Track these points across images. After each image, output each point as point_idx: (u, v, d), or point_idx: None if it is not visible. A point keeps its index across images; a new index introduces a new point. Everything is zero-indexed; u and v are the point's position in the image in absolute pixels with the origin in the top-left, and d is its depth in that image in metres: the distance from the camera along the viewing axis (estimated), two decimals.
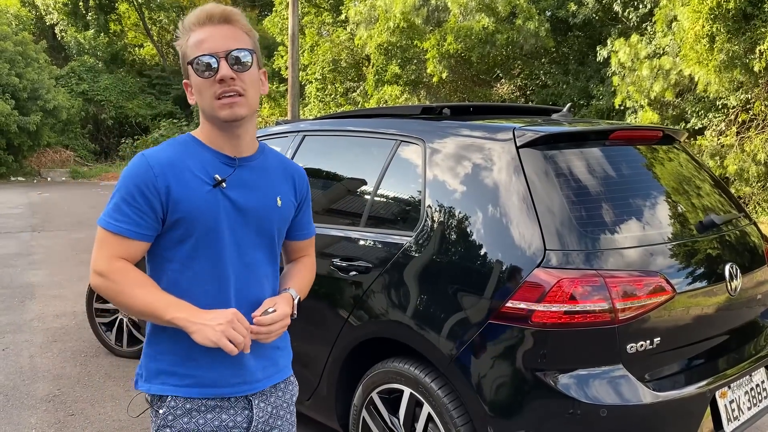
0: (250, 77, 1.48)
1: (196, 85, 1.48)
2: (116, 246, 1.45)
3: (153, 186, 1.43)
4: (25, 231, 10.32)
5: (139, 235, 1.45)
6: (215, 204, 1.48)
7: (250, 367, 1.55)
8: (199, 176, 1.48)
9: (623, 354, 2.15)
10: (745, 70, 8.99)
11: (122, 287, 1.43)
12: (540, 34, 12.89)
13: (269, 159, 1.64)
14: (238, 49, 1.45)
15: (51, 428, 3.48)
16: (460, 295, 2.34)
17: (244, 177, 1.54)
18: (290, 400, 1.70)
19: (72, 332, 5.11)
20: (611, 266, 2.18)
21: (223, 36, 1.45)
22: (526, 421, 2.18)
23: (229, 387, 1.53)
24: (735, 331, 2.57)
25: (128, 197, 1.44)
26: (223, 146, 1.53)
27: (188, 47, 1.48)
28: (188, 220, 1.46)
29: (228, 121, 1.46)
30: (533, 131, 2.41)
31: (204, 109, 1.49)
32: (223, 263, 1.50)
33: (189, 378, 1.50)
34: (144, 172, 1.44)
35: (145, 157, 1.47)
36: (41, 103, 20.50)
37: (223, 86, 1.44)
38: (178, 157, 1.48)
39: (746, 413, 2.45)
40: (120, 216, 1.44)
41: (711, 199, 2.77)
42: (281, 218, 1.61)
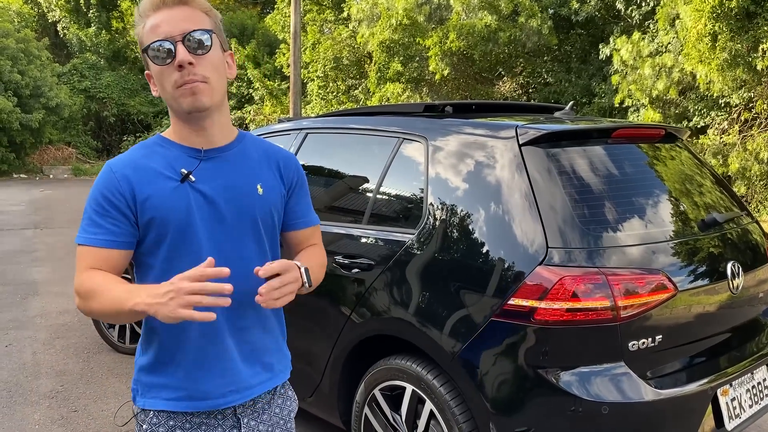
0: (213, 61, 1.38)
1: (156, 75, 1.39)
2: (93, 259, 1.38)
3: (118, 191, 1.37)
4: (28, 228, 10.34)
5: (115, 243, 1.38)
6: (184, 199, 1.39)
7: (240, 373, 1.46)
8: (164, 173, 1.40)
9: (625, 351, 2.15)
10: (748, 68, 8.98)
11: (91, 294, 1.33)
12: (542, 31, 12.88)
13: (248, 147, 1.53)
14: (195, 31, 1.35)
15: (54, 424, 3.49)
16: (463, 292, 2.34)
17: (216, 168, 1.45)
18: (287, 416, 1.59)
19: (75, 329, 5.12)
20: (613, 264, 2.19)
21: (180, 18, 1.35)
22: (528, 419, 2.19)
23: (221, 397, 1.44)
24: (737, 329, 2.57)
25: (98, 208, 1.38)
26: (192, 140, 1.44)
27: (144, 34, 1.38)
28: (159, 220, 1.38)
29: (191, 111, 1.38)
30: (536, 129, 2.42)
31: (167, 100, 1.39)
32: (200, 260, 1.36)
33: (181, 390, 1.42)
34: (107, 180, 1.39)
35: (108, 165, 1.42)
36: (43, 101, 20.51)
37: (182, 74, 1.34)
38: (142, 158, 1.42)
39: (748, 411, 2.46)
40: (94, 228, 1.38)
41: (713, 197, 2.78)
42: (265, 206, 1.49)
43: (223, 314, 1.41)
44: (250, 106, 22.99)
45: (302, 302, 2.08)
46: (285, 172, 1.56)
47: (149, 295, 1.22)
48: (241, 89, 23.49)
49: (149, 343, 1.46)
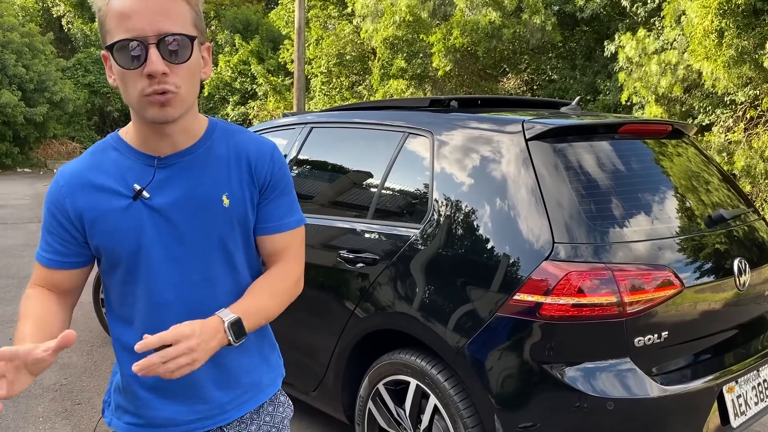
0: (189, 68, 1.16)
1: (117, 73, 1.15)
2: (39, 276, 1.29)
3: (62, 208, 1.24)
4: (32, 222, 10.35)
5: (61, 264, 1.27)
6: (136, 220, 1.22)
7: (213, 400, 1.31)
8: (114, 189, 1.23)
9: (631, 348, 2.14)
10: (755, 65, 8.94)
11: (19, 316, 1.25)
12: (546, 28, 12.84)
13: (216, 144, 1.30)
14: (173, 35, 1.11)
15: (57, 417, 3.50)
16: (468, 287, 2.33)
17: (175, 178, 1.24)
18: (280, 423, 1.43)
19: (78, 322, 5.12)
20: (620, 260, 2.18)
21: (154, 11, 1.10)
22: (532, 414, 2.18)
23: (188, 424, 1.31)
24: (743, 327, 2.56)
25: (46, 223, 1.27)
26: (151, 144, 1.25)
27: (108, 18, 1.13)
28: (109, 245, 1.23)
29: (156, 123, 1.19)
30: (542, 124, 2.40)
31: (129, 103, 1.19)
32: (161, 286, 1.24)
33: (141, 417, 1.31)
34: (54, 193, 1.24)
35: (60, 173, 1.26)
36: (48, 95, 20.54)
37: (152, 83, 1.12)
38: (92, 170, 1.24)
39: (753, 408, 2.45)
40: (44, 244, 1.28)
41: (720, 194, 2.76)
42: (231, 220, 1.28)
43: None
44: (254, 102, 22.97)
45: (306, 297, 2.07)
46: (257, 172, 1.31)
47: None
48: (245, 85, 23.48)
49: (117, 362, 1.36)
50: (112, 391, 1.39)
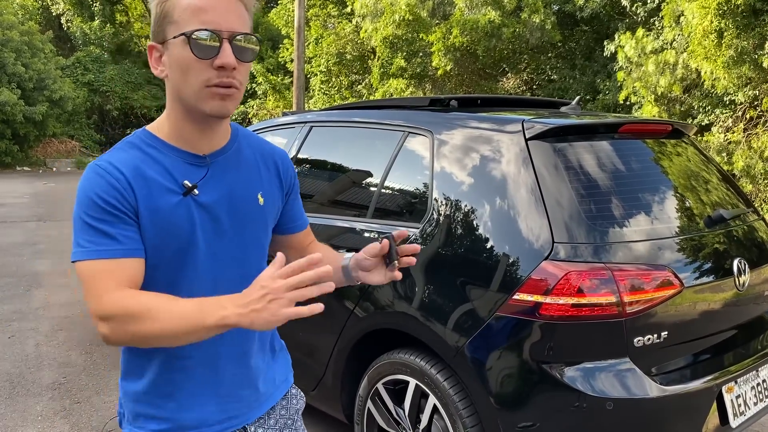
0: (248, 69, 1.22)
1: (180, 61, 1.17)
2: (111, 276, 1.15)
3: (120, 195, 1.17)
4: (31, 220, 10.34)
5: (132, 251, 1.18)
6: (189, 217, 1.22)
7: (238, 398, 1.34)
8: (165, 185, 1.21)
9: (630, 347, 2.14)
10: (754, 65, 8.94)
11: (140, 316, 1.11)
12: (546, 27, 12.84)
13: (243, 147, 1.35)
14: (246, 35, 1.18)
15: (56, 416, 3.49)
16: (467, 287, 2.33)
17: (217, 175, 1.27)
18: (295, 415, 1.49)
19: (77, 321, 5.12)
20: (619, 259, 2.18)
21: (229, 10, 1.16)
22: (532, 414, 2.18)
23: (217, 425, 1.32)
24: (742, 327, 2.56)
25: (100, 214, 1.16)
26: (193, 142, 1.25)
27: (178, 9, 1.17)
28: (159, 242, 1.20)
29: (213, 116, 1.20)
30: (543, 123, 2.40)
31: (182, 91, 1.19)
32: (203, 283, 1.26)
33: (169, 422, 1.29)
34: (105, 182, 1.17)
35: (99, 166, 1.20)
36: (47, 93, 20.52)
37: (220, 75, 1.16)
38: (139, 162, 1.21)
39: (752, 408, 2.45)
40: (100, 238, 1.16)
41: (719, 194, 2.76)
42: (265, 217, 1.35)
43: (226, 341, 1.28)
44: (253, 101, 22.97)
45: None
46: (284, 175, 1.42)
47: (238, 305, 1.06)
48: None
49: (138, 369, 1.30)
50: (126, 402, 1.34)
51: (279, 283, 1.04)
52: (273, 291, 1.04)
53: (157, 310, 1.10)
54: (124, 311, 1.12)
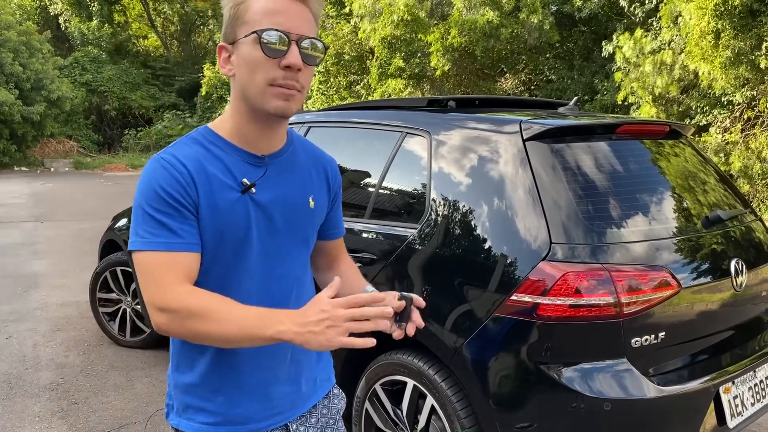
0: (311, 73, 1.27)
1: (248, 60, 1.21)
2: (170, 268, 1.18)
3: (183, 188, 1.21)
4: (29, 221, 10.33)
5: (190, 246, 1.21)
6: (246, 214, 1.27)
7: (283, 396, 1.38)
8: (225, 181, 1.25)
9: (628, 348, 2.15)
10: (751, 66, 8.95)
11: (202, 315, 1.15)
12: (544, 27, 12.86)
13: (298, 151, 1.40)
14: (313, 39, 1.23)
15: (54, 417, 3.49)
16: (465, 287, 2.34)
17: (274, 177, 1.32)
18: (336, 416, 1.52)
19: (75, 321, 5.12)
20: (617, 260, 2.18)
21: (298, 15, 1.22)
22: (529, 414, 2.18)
23: (262, 421, 1.36)
24: (740, 327, 2.57)
25: (162, 206, 1.20)
26: (252, 142, 1.30)
27: (251, 10, 1.22)
28: (217, 237, 1.24)
29: (276, 115, 1.24)
30: (540, 124, 2.41)
31: (247, 90, 1.23)
32: (253, 278, 1.30)
33: (218, 416, 1.33)
34: (169, 175, 1.21)
35: (163, 159, 1.23)
36: (45, 93, 20.50)
37: (286, 75, 1.20)
38: (201, 158, 1.25)
39: (750, 409, 2.45)
40: (160, 230, 1.19)
41: (717, 195, 2.76)
42: (314, 221, 1.40)
43: None
44: None
45: None
46: (332, 181, 1.48)
47: (296, 323, 1.10)
48: None
49: (190, 362, 1.34)
50: (176, 393, 1.38)
51: (340, 312, 1.09)
52: (332, 318, 1.09)
53: (218, 312, 1.15)
54: (187, 308, 1.16)
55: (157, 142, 24.94)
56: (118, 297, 4.58)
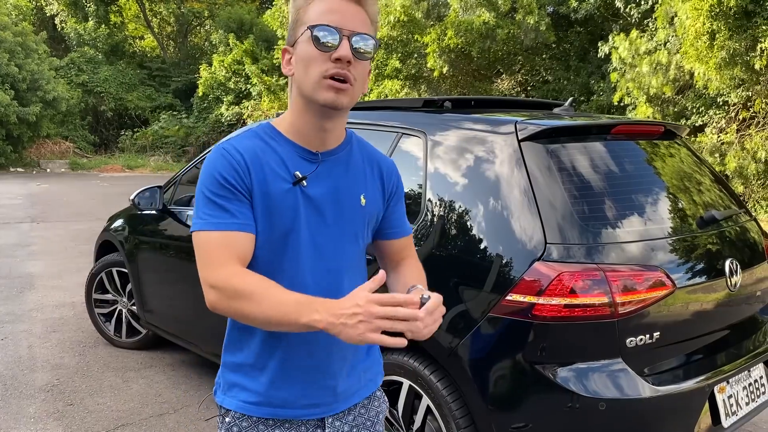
0: (364, 68, 1.34)
1: (304, 56, 1.31)
2: (225, 248, 1.26)
3: (238, 174, 1.30)
4: (25, 222, 10.31)
5: (246, 227, 1.29)
6: (295, 204, 1.33)
7: (323, 387, 1.40)
8: (279, 172, 1.33)
9: (623, 348, 2.15)
10: (746, 67, 8.98)
11: (245, 296, 1.21)
12: (540, 28, 12.87)
13: (354, 151, 1.46)
14: (364, 35, 1.31)
15: (50, 418, 3.48)
16: (461, 288, 2.34)
17: (326, 173, 1.38)
18: (375, 418, 1.51)
19: (71, 322, 5.11)
20: (612, 260, 2.18)
21: (353, 15, 1.31)
22: (525, 414, 2.19)
23: (302, 409, 1.39)
24: (734, 327, 2.58)
25: (220, 190, 1.29)
26: (307, 138, 1.37)
27: (309, 12, 1.32)
28: (266, 224, 1.31)
29: (326, 106, 1.30)
30: (535, 125, 2.41)
31: (302, 85, 1.32)
32: (302, 269, 1.34)
33: (260, 396, 1.38)
34: (228, 164, 1.30)
35: (224, 148, 1.33)
36: (41, 94, 20.46)
37: (336, 67, 1.28)
38: (258, 149, 1.34)
39: (744, 408, 2.46)
40: (220, 212, 1.28)
41: (711, 195, 2.77)
42: (365, 218, 1.44)
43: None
44: (248, 102, 22.94)
45: None
46: (387, 181, 1.51)
47: (330, 314, 1.13)
48: (239, 85, 23.43)
49: (239, 343, 1.40)
50: (224, 372, 1.44)
51: (373, 309, 1.10)
52: (365, 314, 1.11)
53: (260, 295, 1.20)
54: (232, 288, 1.23)
55: (153, 143, 24.90)
56: (114, 298, 4.58)
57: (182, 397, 3.77)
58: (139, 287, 4.21)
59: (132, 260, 4.24)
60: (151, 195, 4.02)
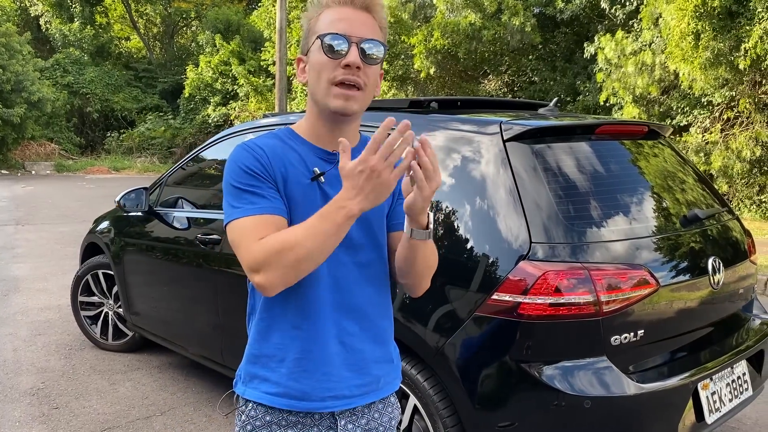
0: (374, 73, 1.39)
1: (315, 64, 1.37)
2: (257, 230, 1.29)
3: (264, 167, 1.35)
4: (9, 224, 10.22)
5: (276, 209, 1.32)
6: (314, 198, 1.38)
7: (342, 380, 1.42)
8: (299, 168, 1.39)
9: (607, 346, 2.17)
10: (730, 67, 9.07)
11: (281, 250, 1.23)
12: (526, 29, 12.93)
13: None
14: (372, 40, 1.35)
15: (35, 422, 3.46)
16: (447, 287, 2.35)
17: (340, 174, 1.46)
18: (387, 423, 1.52)
19: (56, 325, 5.07)
20: (596, 259, 2.20)
21: (361, 22, 1.36)
22: (511, 413, 2.20)
23: (320, 401, 1.41)
24: (717, 324, 2.60)
25: (250, 181, 1.33)
26: (323, 140, 1.43)
27: (319, 22, 1.38)
28: (292, 207, 1.36)
29: (337, 113, 1.36)
30: (520, 125, 2.42)
31: (315, 92, 1.38)
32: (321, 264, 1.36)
33: (281, 387, 1.41)
34: (251, 156, 1.36)
35: (247, 145, 1.38)
36: (25, 95, 20.29)
37: (346, 73, 1.33)
38: (278, 147, 1.40)
39: (727, 405, 2.48)
40: (254, 198, 1.32)
41: (695, 194, 2.80)
42: (379, 216, 1.48)
43: (333, 318, 1.40)
44: (235, 103, 22.86)
45: None
46: None
47: (351, 197, 1.18)
48: (226, 86, 23.36)
49: (259, 335, 1.45)
50: (245, 364, 1.47)
51: (373, 159, 1.16)
52: (372, 167, 1.16)
53: (294, 237, 1.23)
54: (271, 251, 1.24)
55: (139, 144, 24.76)
56: (100, 300, 4.55)
57: (169, 400, 3.75)
58: (125, 289, 4.19)
59: (118, 262, 4.22)
60: (136, 197, 4.01)
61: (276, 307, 1.42)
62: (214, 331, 3.42)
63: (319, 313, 1.38)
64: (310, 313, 1.38)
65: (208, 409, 3.62)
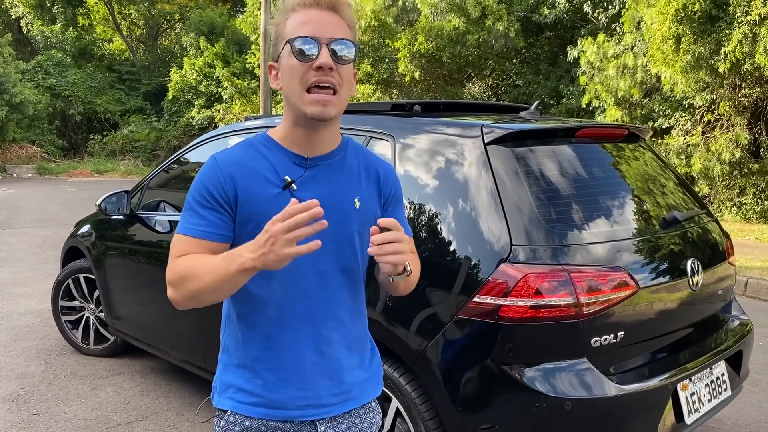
0: (347, 73, 1.37)
1: (287, 69, 1.36)
2: (188, 248, 1.35)
3: (222, 187, 1.35)
4: None
5: (213, 236, 1.35)
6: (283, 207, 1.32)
7: (320, 389, 1.42)
8: (268, 178, 1.37)
9: (588, 348, 2.18)
10: (711, 71, 9.17)
11: (185, 277, 1.29)
12: (510, 34, 13.00)
13: (349, 156, 1.48)
14: (342, 40, 1.34)
15: (14, 428, 3.42)
16: (429, 290, 2.35)
17: (317, 177, 1.41)
18: (369, 429, 1.52)
19: (37, 330, 5.02)
20: (577, 261, 2.21)
21: (329, 23, 1.35)
22: (492, 415, 2.20)
23: (297, 410, 1.41)
24: (696, 326, 2.63)
25: (201, 199, 1.36)
26: (299, 145, 1.41)
27: (287, 26, 1.37)
28: (256, 224, 1.32)
29: (315, 119, 1.35)
30: (501, 128, 2.44)
31: (290, 96, 1.37)
32: (294, 271, 1.36)
33: (255, 397, 1.41)
34: (212, 173, 1.37)
35: (215, 159, 1.39)
36: (7, 98, 20.07)
37: (318, 75, 1.32)
38: (248, 158, 1.39)
39: (707, 405, 2.51)
40: (195, 219, 1.36)
41: (674, 197, 2.83)
42: (360, 220, 1.45)
43: (308, 327, 1.39)
44: (220, 105, 22.76)
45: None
46: (383, 185, 1.52)
47: (250, 251, 1.19)
48: (210, 88, 23.25)
49: (234, 345, 1.45)
50: (220, 374, 1.47)
51: (277, 227, 1.16)
52: (273, 234, 1.16)
53: (196, 268, 1.28)
54: (178, 275, 1.31)
55: (123, 147, 24.58)
56: (81, 305, 4.51)
57: (151, 405, 3.72)
58: (106, 293, 4.15)
59: (99, 266, 4.18)
60: (118, 200, 3.97)
61: (250, 315, 1.41)
62: (196, 335, 3.40)
63: (295, 321, 1.37)
64: (285, 322, 1.38)
65: (190, 414, 3.59)
